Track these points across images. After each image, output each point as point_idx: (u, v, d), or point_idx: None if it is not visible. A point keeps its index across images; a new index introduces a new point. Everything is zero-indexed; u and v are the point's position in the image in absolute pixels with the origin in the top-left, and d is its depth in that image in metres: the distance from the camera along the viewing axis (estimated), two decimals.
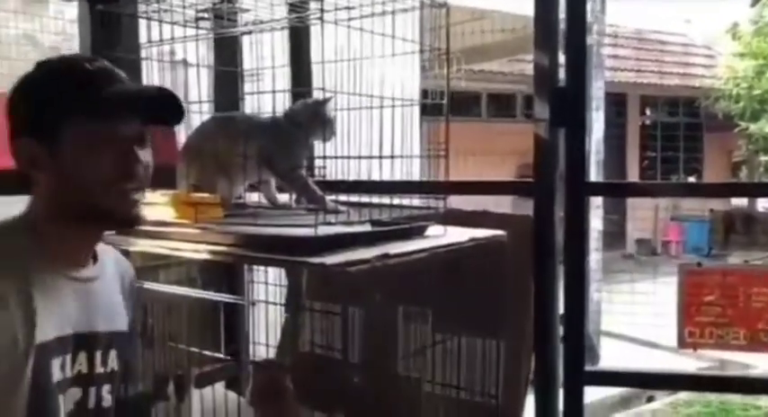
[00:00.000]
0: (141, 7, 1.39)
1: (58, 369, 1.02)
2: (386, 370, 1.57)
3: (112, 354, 1.14)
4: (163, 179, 1.54)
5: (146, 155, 1.06)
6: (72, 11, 2.50)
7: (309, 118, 1.45)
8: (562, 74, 1.64)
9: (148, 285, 1.53)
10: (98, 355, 1.10)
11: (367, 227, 1.37)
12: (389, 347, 1.62)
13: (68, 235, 1.06)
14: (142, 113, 1.05)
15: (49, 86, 1.04)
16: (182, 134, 1.75)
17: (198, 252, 1.29)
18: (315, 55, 1.93)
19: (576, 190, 1.62)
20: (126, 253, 1.33)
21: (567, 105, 1.59)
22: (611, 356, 5.40)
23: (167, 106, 1.08)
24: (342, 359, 1.64)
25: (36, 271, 1.01)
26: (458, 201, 1.58)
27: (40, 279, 1.01)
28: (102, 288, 1.13)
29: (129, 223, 1.09)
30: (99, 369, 1.11)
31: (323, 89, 1.16)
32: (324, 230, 1.21)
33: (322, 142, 1.48)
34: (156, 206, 1.40)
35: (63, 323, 1.03)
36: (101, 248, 1.16)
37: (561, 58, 1.65)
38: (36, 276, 1.01)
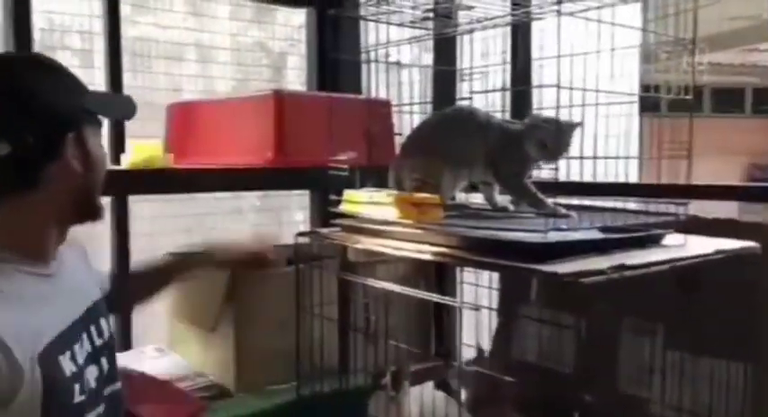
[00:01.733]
0: (371, 10, 1.41)
1: (68, 362, 1.01)
2: (609, 387, 1.46)
3: (103, 322, 1.17)
4: (385, 178, 1.57)
5: None
6: (298, 18, 2.65)
7: (554, 140, 1.39)
8: None
9: (370, 281, 1.57)
10: (93, 330, 1.13)
11: (595, 234, 1.28)
12: (614, 363, 1.50)
13: (45, 236, 1.06)
14: None
15: (50, 93, 1.04)
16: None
17: (421, 252, 1.28)
18: (535, 51, 1.87)
19: None
20: None
21: None
22: None
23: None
24: (559, 371, 1.55)
25: (13, 279, 0.98)
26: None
27: (21, 286, 0.99)
28: (71, 268, 1.15)
29: (102, 214, 1.14)
30: (98, 341, 1.13)
31: (557, 86, 1.09)
32: (553, 236, 1.14)
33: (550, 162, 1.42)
34: (379, 205, 1.43)
35: (57, 318, 1.03)
36: None
37: None
38: (15, 284, 0.98)
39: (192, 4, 2.42)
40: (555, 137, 1.36)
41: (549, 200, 1.40)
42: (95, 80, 2.04)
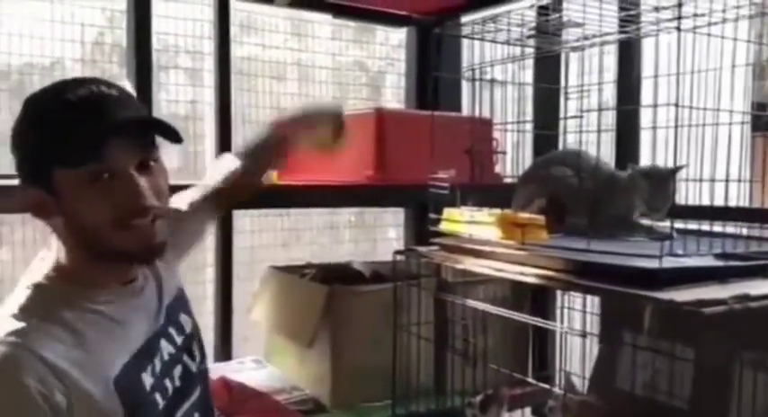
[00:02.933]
0: (477, 28, 1.41)
1: (148, 376, 1.02)
2: None
3: (182, 317, 1.16)
4: (485, 197, 1.55)
5: (152, 181, 0.98)
6: (396, 37, 2.67)
7: (653, 196, 1.40)
8: None
9: (469, 302, 1.55)
10: (173, 331, 1.12)
11: (712, 261, 1.21)
12: (727, 398, 1.41)
13: (103, 268, 1.02)
14: (133, 142, 0.96)
15: (29, 132, 0.96)
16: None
17: (524, 274, 1.25)
18: (646, 69, 1.80)
19: None
20: None
21: None
22: None
23: (150, 127, 1.00)
24: (668, 404, 1.47)
25: (85, 309, 0.98)
26: None
27: (94, 315, 0.98)
28: (150, 282, 1.12)
29: (148, 258, 1.04)
30: (179, 340, 1.13)
31: (677, 104, 1.04)
32: (668, 262, 1.09)
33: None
34: (481, 224, 1.40)
35: (135, 338, 1.03)
36: None
37: None
38: (86, 314, 0.97)
39: (296, 25, 2.49)
40: (654, 193, 1.36)
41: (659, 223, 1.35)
42: (205, 98, 2.14)
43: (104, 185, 0.94)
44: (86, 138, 0.91)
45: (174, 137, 0.99)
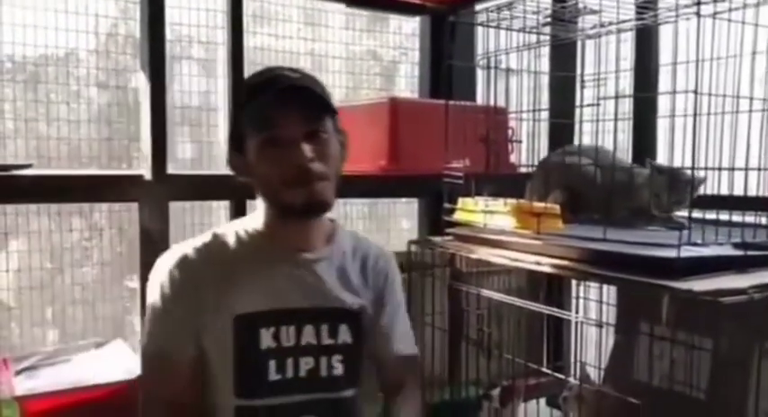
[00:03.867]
0: (492, 16, 1.39)
1: (269, 338, 1.17)
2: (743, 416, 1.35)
3: (343, 328, 1.22)
4: (500, 187, 1.54)
5: (318, 149, 1.16)
6: (409, 26, 2.66)
7: (667, 195, 1.38)
8: None
9: (483, 291, 1.54)
10: (324, 328, 1.21)
11: (730, 250, 1.19)
12: (745, 389, 1.39)
13: (281, 225, 1.22)
14: (299, 112, 1.15)
15: (235, 106, 1.26)
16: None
17: (540, 264, 1.24)
18: (663, 56, 1.77)
19: None
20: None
21: None
22: None
23: (314, 101, 1.17)
24: (685, 395, 1.46)
25: (251, 257, 1.20)
26: None
27: (253, 263, 1.19)
28: (329, 268, 1.25)
29: (309, 212, 1.20)
30: (327, 341, 1.21)
31: (696, 92, 1.02)
32: (686, 251, 1.08)
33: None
34: (496, 214, 1.40)
35: (271, 299, 1.18)
36: (342, 234, 1.31)
37: None
38: (248, 261, 1.20)
39: (309, 15, 2.48)
40: (672, 194, 1.34)
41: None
42: (218, 88, 2.13)
43: (276, 150, 1.15)
44: (265, 106, 1.14)
45: (327, 108, 1.19)
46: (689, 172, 1.28)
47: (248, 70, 2.13)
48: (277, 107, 1.14)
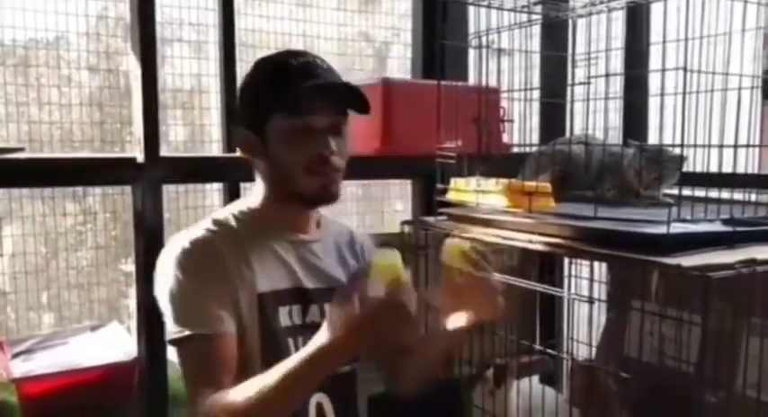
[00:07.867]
0: None
1: (285, 316, 1.20)
2: (731, 390, 1.38)
3: (313, 307, 1.24)
4: (493, 167, 1.55)
5: (339, 143, 1.19)
6: (402, 6, 2.64)
7: (650, 173, 1.41)
8: None
9: None
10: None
11: (719, 226, 1.21)
12: (736, 364, 1.42)
13: (281, 209, 1.24)
14: (333, 105, 1.18)
15: (257, 85, 1.21)
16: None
17: (532, 242, 1.25)
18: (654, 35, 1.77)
19: None
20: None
21: None
22: None
23: (354, 97, 1.19)
24: (675, 369, 1.48)
25: (257, 238, 1.21)
26: None
27: (261, 243, 1.21)
28: (324, 249, 1.29)
29: (322, 201, 1.22)
30: (302, 319, 1.22)
31: (684, 69, 1.03)
32: (676, 227, 1.09)
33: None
34: (488, 194, 1.41)
35: (284, 278, 1.21)
36: (324, 218, 1.34)
37: None
38: (256, 241, 1.20)
39: None
40: (650, 170, 1.34)
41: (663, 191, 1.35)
42: (210, 70, 2.12)
43: (304, 137, 1.16)
44: (306, 94, 1.15)
45: (364, 107, 1.21)
46: (671, 149, 1.29)
47: (240, 52, 2.13)
48: (316, 96, 1.16)
